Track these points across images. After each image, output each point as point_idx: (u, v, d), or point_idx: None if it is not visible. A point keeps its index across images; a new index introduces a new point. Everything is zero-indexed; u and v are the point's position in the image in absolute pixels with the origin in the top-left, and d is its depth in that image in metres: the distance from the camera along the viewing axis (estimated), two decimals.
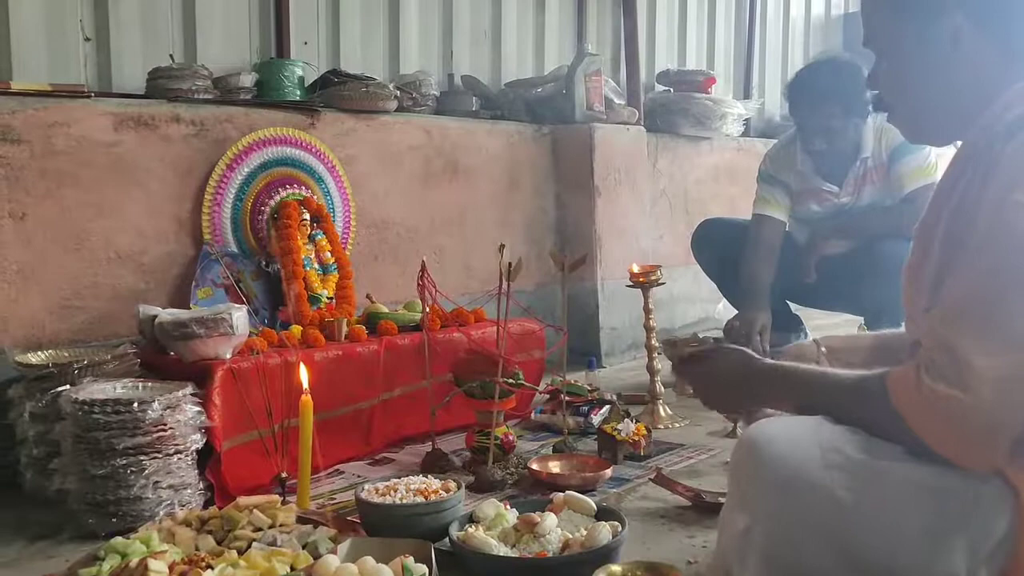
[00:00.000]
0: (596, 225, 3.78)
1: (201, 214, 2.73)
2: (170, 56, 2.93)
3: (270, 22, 3.25)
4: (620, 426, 2.32)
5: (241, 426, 2.11)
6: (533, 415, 2.75)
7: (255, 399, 2.12)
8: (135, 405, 1.88)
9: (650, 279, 2.68)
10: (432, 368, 2.38)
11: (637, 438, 2.32)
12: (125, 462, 1.87)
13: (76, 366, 2.09)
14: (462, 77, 3.85)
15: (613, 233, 3.84)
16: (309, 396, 1.93)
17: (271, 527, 1.69)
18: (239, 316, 2.18)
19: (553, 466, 2.19)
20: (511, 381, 2.26)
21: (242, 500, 1.78)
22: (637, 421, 2.40)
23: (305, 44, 3.35)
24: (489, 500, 1.77)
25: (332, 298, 2.78)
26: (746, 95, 5.26)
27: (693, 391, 1.50)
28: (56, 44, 2.74)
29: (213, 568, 1.50)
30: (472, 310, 2.80)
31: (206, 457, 2.02)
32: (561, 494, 1.79)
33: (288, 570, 1.51)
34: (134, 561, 1.49)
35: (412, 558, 1.48)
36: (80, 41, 2.80)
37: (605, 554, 1.55)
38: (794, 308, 3.53)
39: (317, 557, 1.53)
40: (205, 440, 2.00)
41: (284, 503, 1.80)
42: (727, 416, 2.45)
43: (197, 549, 1.62)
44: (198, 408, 1.99)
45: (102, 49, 2.85)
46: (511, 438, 2.29)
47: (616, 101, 4.06)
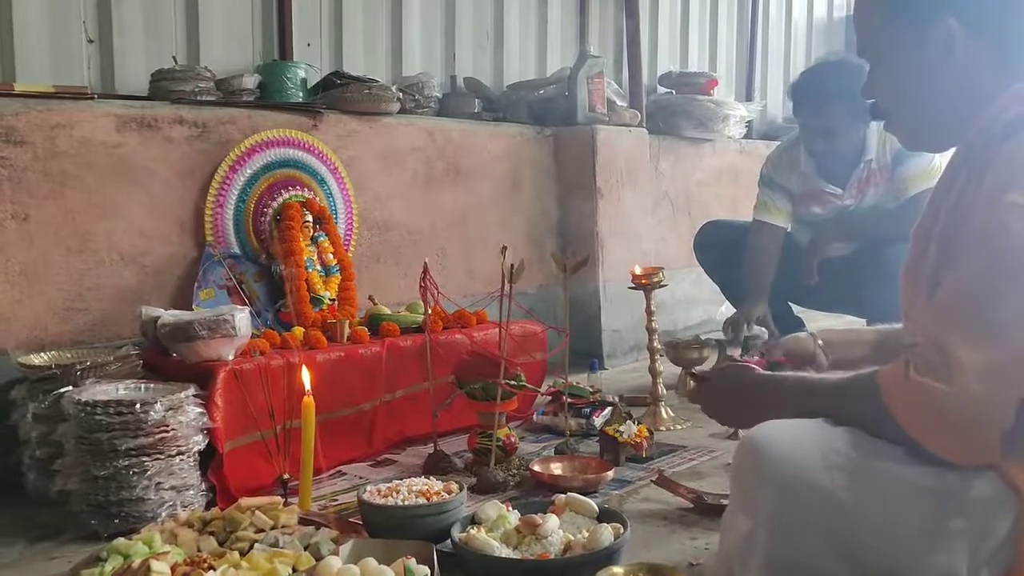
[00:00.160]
0: (598, 227, 3.77)
1: (204, 216, 2.73)
2: (173, 58, 2.93)
3: (273, 24, 3.25)
4: (622, 428, 2.32)
5: (243, 427, 2.11)
6: (535, 417, 2.75)
7: (257, 400, 2.12)
8: (137, 406, 1.88)
9: (652, 281, 2.68)
10: (434, 370, 2.38)
11: (639, 440, 2.32)
12: (127, 463, 1.87)
13: (79, 367, 2.10)
14: (464, 79, 3.85)
15: (615, 235, 3.84)
16: (311, 397, 1.93)
17: (273, 528, 1.70)
18: (241, 318, 2.19)
19: (555, 468, 2.19)
20: (513, 383, 2.26)
21: (244, 501, 1.79)
22: (639, 423, 2.40)
23: (308, 46, 3.35)
24: (491, 502, 1.77)
25: (334, 300, 2.79)
26: (748, 97, 5.26)
27: (707, 413, 1.50)
28: (59, 46, 2.74)
29: (215, 569, 1.50)
30: (474, 312, 2.80)
31: (208, 458, 2.02)
32: (563, 496, 1.79)
33: (290, 571, 1.51)
34: (136, 562, 1.49)
35: (414, 559, 1.48)
36: (83, 43, 2.81)
37: (607, 556, 1.56)
38: (796, 310, 3.52)
39: (319, 558, 1.53)
40: (207, 441, 2.00)
41: (286, 504, 1.81)
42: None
43: (199, 550, 1.62)
44: (200, 409, 1.99)
45: (105, 51, 2.85)
46: (513, 440, 2.29)
47: (618, 103, 4.06)
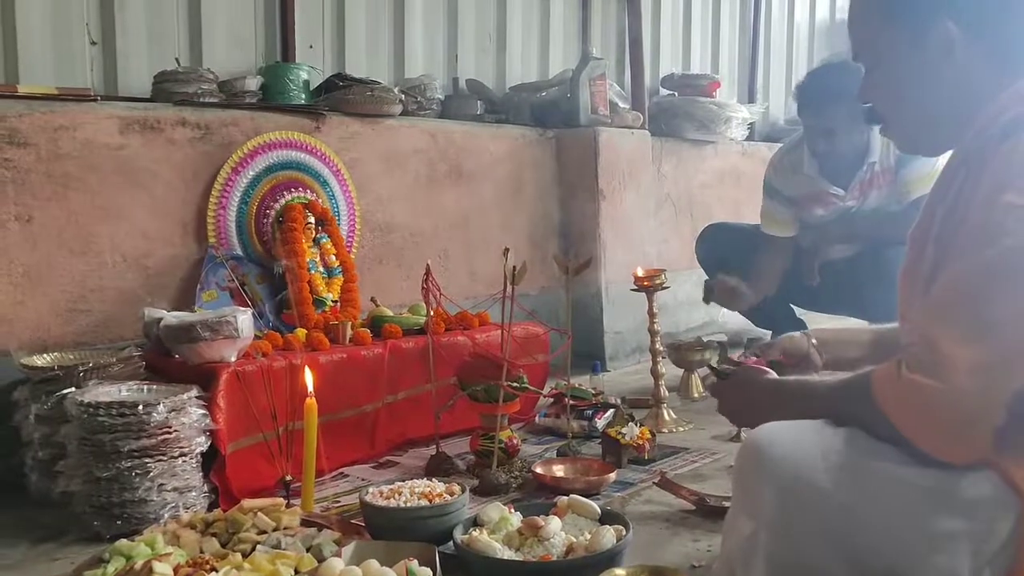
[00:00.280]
0: (600, 229, 3.77)
1: (206, 217, 2.74)
2: (176, 60, 2.94)
3: (275, 26, 3.26)
4: (624, 430, 2.32)
5: (246, 429, 2.11)
6: (537, 419, 2.74)
7: (260, 402, 2.12)
8: (140, 408, 1.88)
9: (654, 283, 2.68)
10: (436, 371, 2.38)
11: (641, 442, 2.31)
12: (130, 464, 1.87)
13: (81, 368, 2.09)
14: (467, 81, 3.86)
15: (617, 237, 3.83)
16: (313, 399, 1.93)
17: (275, 530, 1.70)
18: (244, 319, 2.18)
19: (557, 470, 2.19)
20: (515, 385, 2.26)
21: (246, 503, 1.79)
22: (641, 425, 2.40)
23: (310, 48, 3.36)
24: (493, 504, 1.77)
25: (337, 301, 2.79)
26: (750, 99, 5.26)
27: (720, 411, 1.54)
28: (62, 48, 2.75)
29: (217, 571, 1.50)
30: (476, 314, 2.80)
31: (211, 460, 2.02)
32: (565, 498, 1.79)
33: (292, 573, 1.51)
34: (139, 563, 1.49)
35: (416, 561, 1.48)
36: (86, 45, 2.82)
37: (609, 558, 1.55)
38: (798, 313, 3.52)
39: (321, 560, 1.53)
40: (210, 443, 2.00)
41: (288, 506, 1.81)
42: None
43: (202, 551, 1.62)
44: (203, 411, 1.99)
45: (108, 53, 2.86)
46: (515, 442, 2.29)
47: (620, 105, 4.06)
